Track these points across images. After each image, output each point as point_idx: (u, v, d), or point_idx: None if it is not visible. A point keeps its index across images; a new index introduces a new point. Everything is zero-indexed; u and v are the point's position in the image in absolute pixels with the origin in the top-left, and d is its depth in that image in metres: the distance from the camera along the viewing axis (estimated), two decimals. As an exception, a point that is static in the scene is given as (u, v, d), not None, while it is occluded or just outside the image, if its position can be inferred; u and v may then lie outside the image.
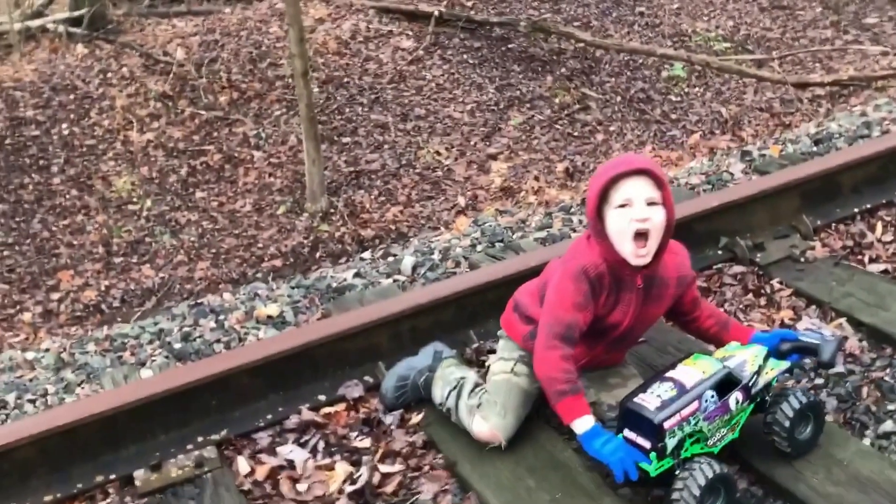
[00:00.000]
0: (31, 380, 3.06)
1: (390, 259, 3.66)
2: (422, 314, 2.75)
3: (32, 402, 2.89)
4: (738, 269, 3.14)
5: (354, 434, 2.54)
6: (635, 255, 2.17)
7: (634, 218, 2.14)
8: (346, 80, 7.94)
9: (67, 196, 7.37)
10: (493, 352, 2.59)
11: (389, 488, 2.32)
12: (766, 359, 2.23)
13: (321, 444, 2.50)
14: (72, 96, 8.22)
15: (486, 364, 2.63)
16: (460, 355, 2.72)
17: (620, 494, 2.19)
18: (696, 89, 8.03)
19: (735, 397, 2.14)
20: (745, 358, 2.22)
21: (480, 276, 2.96)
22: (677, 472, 2.04)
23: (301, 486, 2.36)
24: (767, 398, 2.22)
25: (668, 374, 2.17)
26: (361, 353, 2.72)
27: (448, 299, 2.80)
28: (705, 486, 1.99)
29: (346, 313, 2.88)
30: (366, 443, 2.49)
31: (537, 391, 2.36)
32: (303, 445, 2.50)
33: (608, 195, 2.18)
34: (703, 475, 2.00)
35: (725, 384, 2.14)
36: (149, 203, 7.27)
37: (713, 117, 7.56)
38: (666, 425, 2.03)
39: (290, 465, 2.44)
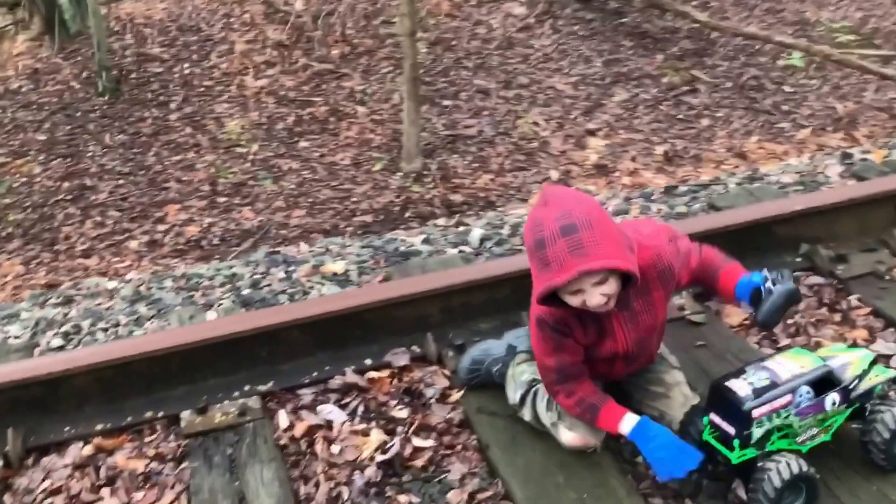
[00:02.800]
0: (107, 309, 3.23)
1: (461, 228, 3.66)
2: (475, 290, 2.74)
3: (105, 330, 3.05)
4: (815, 279, 2.97)
5: (394, 402, 2.56)
6: (596, 310, 2.00)
7: (590, 304, 1.96)
8: (454, 42, 7.89)
9: (182, 133, 7.64)
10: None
11: (419, 462, 2.34)
12: (871, 364, 2.13)
13: (360, 409, 2.54)
14: (195, 37, 8.49)
15: None
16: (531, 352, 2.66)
17: (651, 503, 2.14)
18: (813, 82, 7.57)
19: (832, 398, 2.06)
20: (849, 360, 2.12)
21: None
22: (760, 464, 1.99)
23: (335, 448, 2.40)
24: (868, 406, 2.12)
25: (764, 363, 2.10)
26: (412, 322, 2.74)
27: (503, 278, 2.77)
28: (787, 481, 1.94)
29: (401, 280, 2.90)
30: (403, 413, 2.51)
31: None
32: (343, 407, 2.55)
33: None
34: (788, 470, 1.95)
35: (824, 383, 2.06)
36: (255, 147, 7.45)
37: (827, 113, 7.11)
38: (755, 413, 1.97)
39: (328, 425, 2.49)
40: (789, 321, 2.80)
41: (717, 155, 6.54)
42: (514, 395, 2.39)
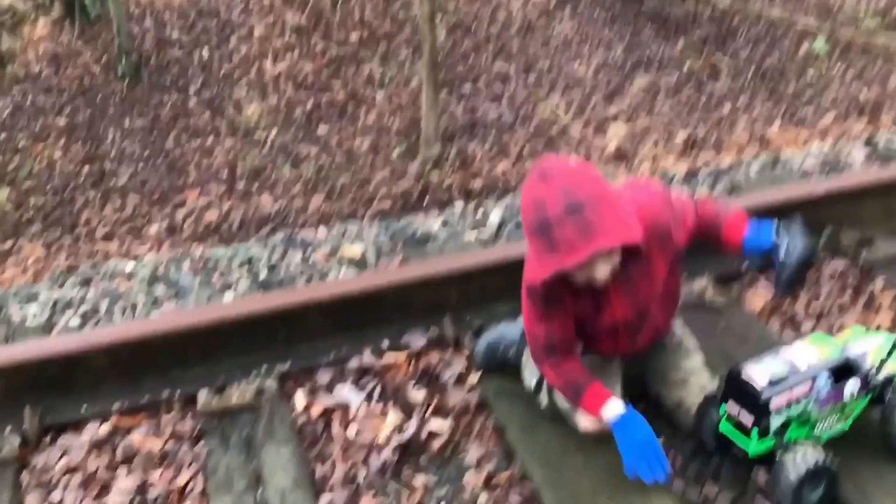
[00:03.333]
0: (125, 290, 3.23)
1: (479, 212, 3.63)
2: (493, 273, 2.71)
3: (122, 311, 3.06)
4: (838, 264, 2.92)
5: (411, 384, 2.55)
6: (595, 283, 1.94)
7: (597, 278, 1.90)
8: (473, 27, 7.84)
9: (201, 118, 7.65)
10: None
11: (436, 444, 2.33)
12: (891, 351, 2.08)
13: (377, 390, 2.53)
14: (214, 22, 8.48)
15: None
16: None
17: (673, 489, 2.11)
18: (837, 67, 7.45)
19: (852, 385, 2.02)
20: (868, 347, 2.08)
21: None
22: (778, 455, 1.96)
23: (351, 430, 2.40)
24: (888, 394, 2.07)
25: (782, 351, 2.05)
26: (429, 304, 2.72)
27: (521, 260, 2.73)
28: (807, 473, 1.91)
29: (419, 263, 2.89)
30: (420, 395, 2.50)
31: (620, 365, 2.27)
32: (360, 389, 2.54)
33: None
34: (808, 462, 1.91)
35: (843, 371, 2.02)
36: (274, 133, 7.45)
37: (851, 99, 6.99)
38: (773, 404, 1.93)
39: (345, 406, 2.48)
40: (812, 306, 2.76)
41: (739, 141, 6.47)
42: (529, 381, 2.36)
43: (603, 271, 1.89)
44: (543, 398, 2.31)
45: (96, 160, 7.09)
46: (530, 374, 2.35)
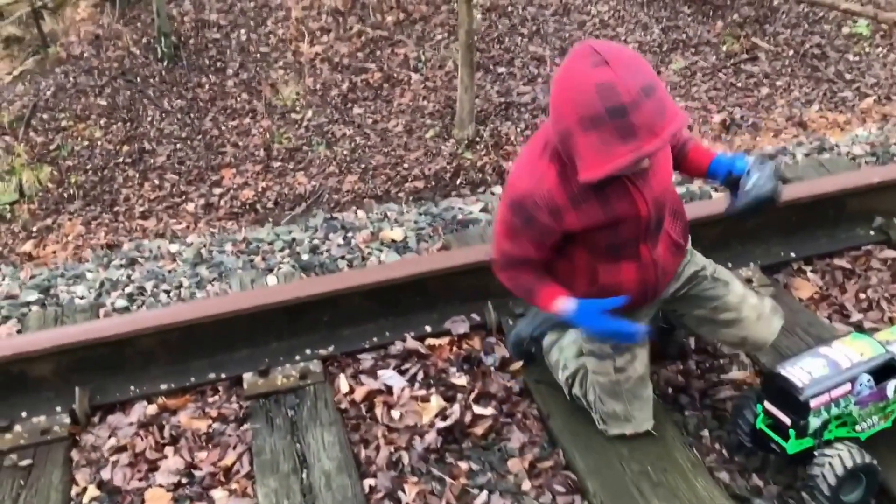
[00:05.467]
0: (170, 271, 3.27)
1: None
2: (536, 260, 2.69)
3: (167, 292, 3.10)
4: (889, 253, 2.87)
5: (454, 370, 2.56)
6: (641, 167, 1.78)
7: (644, 163, 1.75)
8: (510, 8, 7.79)
9: (238, 99, 7.70)
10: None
11: (479, 430, 2.34)
12: None
13: (420, 375, 2.55)
14: (252, 4, 8.51)
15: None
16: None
17: (717, 477, 2.10)
18: (879, 50, 7.29)
19: (894, 385, 1.99)
20: None
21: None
22: (817, 453, 1.94)
23: (395, 413, 2.41)
24: None
25: (822, 350, 2.03)
26: (472, 290, 2.72)
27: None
28: (847, 472, 1.89)
29: (462, 249, 2.88)
30: (463, 380, 2.50)
31: (646, 368, 2.19)
32: (402, 373, 2.55)
33: None
34: (847, 461, 1.90)
35: (885, 369, 1.99)
36: (310, 114, 7.48)
37: (893, 82, 6.85)
38: (812, 403, 1.92)
39: (388, 390, 2.49)
40: (861, 296, 2.72)
41: (776, 124, 6.37)
42: (561, 376, 2.35)
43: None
44: (578, 391, 2.29)
45: (135, 140, 7.17)
46: (560, 372, 2.34)
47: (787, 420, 1.95)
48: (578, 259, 2.01)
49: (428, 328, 2.69)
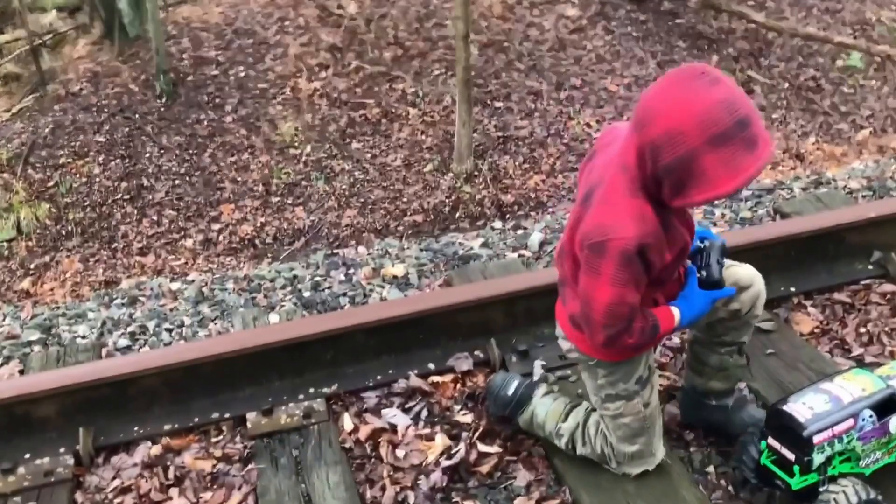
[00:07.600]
0: (171, 309, 3.28)
1: (519, 232, 3.64)
2: (538, 296, 2.71)
3: (169, 331, 3.10)
4: (888, 287, 2.89)
5: (458, 407, 2.56)
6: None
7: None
8: (506, 44, 7.87)
9: (237, 135, 7.73)
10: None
11: (485, 468, 2.33)
12: None
13: (424, 413, 2.54)
14: (250, 41, 8.58)
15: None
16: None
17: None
18: (873, 82, 7.39)
19: None
20: None
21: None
22: (822, 489, 1.94)
23: (399, 452, 2.41)
24: None
25: (823, 386, 2.04)
26: (475, 327, 2.73)
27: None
28: None
29: (464, 286, 2.89)
30: (467, 418, 2.50)
31: (657, 400, 2.19)
32: (406, 411, 2.55)
33: None
34: (853, 497, 1.90)
35: (887, 405, 2.00)
36: (308, 149, 7.51)
37: (888, 114, 6.93)
38: (815, 440, 1.92)
39: (392, 429, 2.49)
40: (861, 330, 2.73)
41: (774, 156, 6.43)
42: (559, 444, 2.30)
43: None
44: (582, 450, 2.25)
45: (134, 176, 7.19)
46: (551, 423, 2.30)
47: (791, 456, 1.96)
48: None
49: (431, 365, 2.69)
